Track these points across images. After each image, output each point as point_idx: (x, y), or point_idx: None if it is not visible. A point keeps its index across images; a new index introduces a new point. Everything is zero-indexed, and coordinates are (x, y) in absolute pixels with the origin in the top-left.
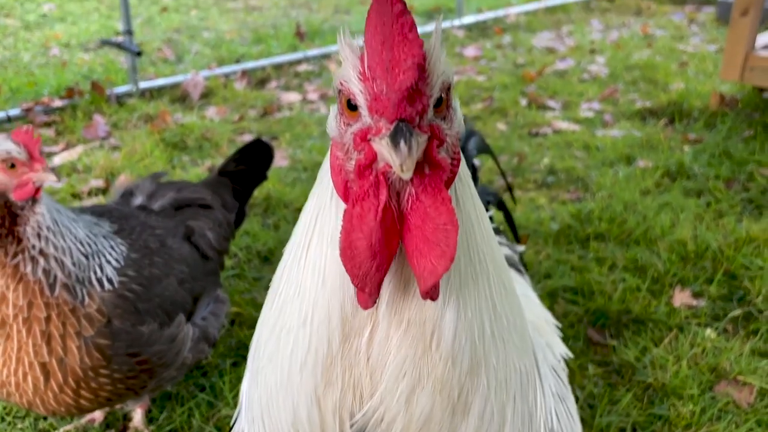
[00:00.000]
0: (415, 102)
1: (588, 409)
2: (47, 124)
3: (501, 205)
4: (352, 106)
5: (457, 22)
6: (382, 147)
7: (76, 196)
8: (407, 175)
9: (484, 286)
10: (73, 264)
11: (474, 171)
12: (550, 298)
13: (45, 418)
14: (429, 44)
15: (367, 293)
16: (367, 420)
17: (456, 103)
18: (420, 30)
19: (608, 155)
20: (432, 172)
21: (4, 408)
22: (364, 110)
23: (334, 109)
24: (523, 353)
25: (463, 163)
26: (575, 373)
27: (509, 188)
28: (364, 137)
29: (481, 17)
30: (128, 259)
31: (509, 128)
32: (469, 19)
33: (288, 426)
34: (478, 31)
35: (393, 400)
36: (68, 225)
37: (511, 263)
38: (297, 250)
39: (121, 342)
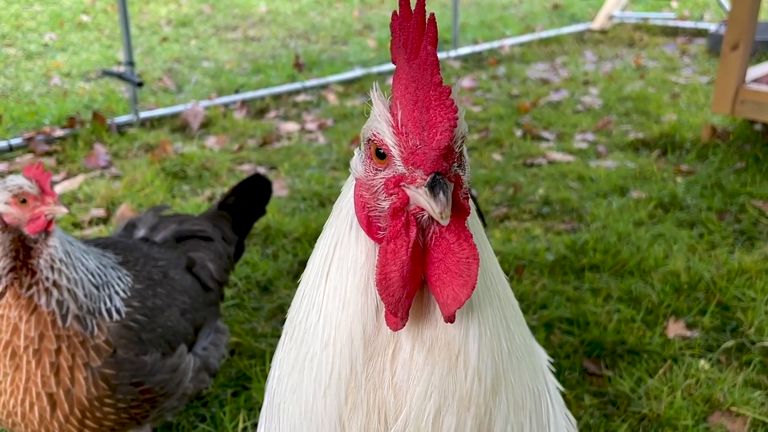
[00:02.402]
0: (448, 157)
1: None
2: (48, 153)
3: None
4: (380, 154)
5: (453, 53)
6: (419, 195)
7: (77, 225)
8: (446, 222)
9: (498, 306)
10: (85, 295)
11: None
12: (545, 329)
13: None
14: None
15: (399, 317)
16: None
17: (464, 149)
18: None
19: (602, 186)
20: (456, 214)
21: None
22: (397, 160)
23: (359, 152)
24: (534, 373)
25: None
26: (571, 404)
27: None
28: (396, 183)
29: (476, 48)
30: (133, 290)
31: (504, 159)
32: (464, 50)
33: None
34: (474, 62)
35: (421, 422)
36: (80, 257)
37: None
38: (316, 278)
39: (126, 371)
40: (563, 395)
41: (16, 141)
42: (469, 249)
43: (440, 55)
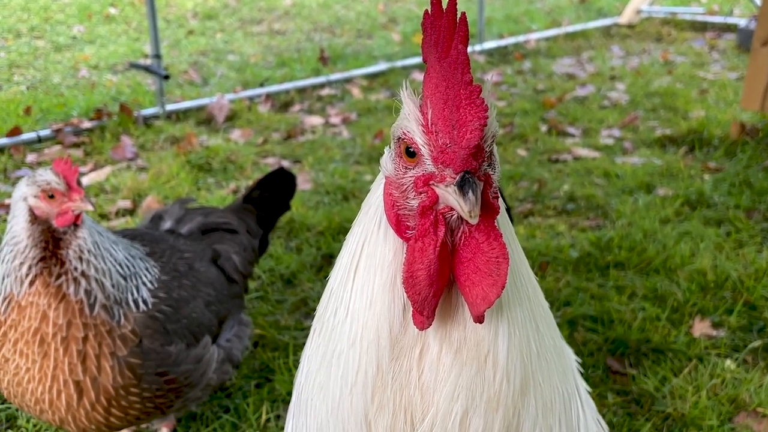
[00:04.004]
0: (477, 156)
1: None
2: (76, 145)
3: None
4: (410, 153)
5: (478, 48)
6: (448, 194)
7: (103, 216)
8: (475, 221)
9: (527, 307)
10: (112, 285)
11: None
12: (569, 326)
13: None
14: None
15: (425, 316)
16: None
17: (495, 148)
18: None
19: (628, 183)
20: (485, 213)
21: (35, 425)
22: (427, 159)
23: (389, 150)
24: (564, 376)
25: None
26: (595, 403)
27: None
28: (426, 182)
29: (502, 42)
30: (159, 281)
31: (529, 154)
32: (490, 44)
33: None
34: (499, 56)
35: (447, 423)
36: (108, 248)
37: None
38: (344, 275)
39: (151, 361)
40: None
41: (44, 132)
42: (499, 248)
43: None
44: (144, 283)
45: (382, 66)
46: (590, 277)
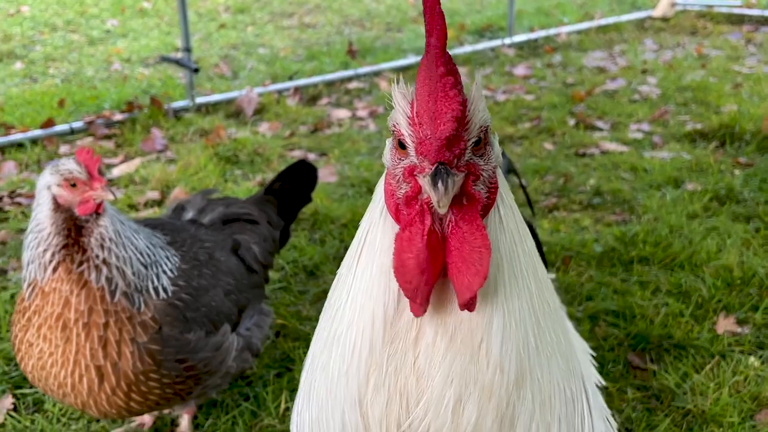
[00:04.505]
0: (453, 147)
1: None
2: (108, 137)
3: (531, 230)
4: (402, 145)
5: (507, 41)
6: (424, 184)
7: (132, 207)
8: (443, 210)
9: (527, 300)
10: (133, 273)
11: (524, 189)
12: (590, 321)
13: (97, 421)
14: (470, 93)
15: (418, 304)
16: (414, 431)
17: (494, 139)
18: (470, 49)
19: (656, 178)
20: (469, 203)
21: (60, 409)
22: (411, 150)
23: (389, 142)
24: (568, 375)
25: (506, 188)
26: (613, 397)
27: (530, 205)
28: (411, 172)
29: (532, 36)
30: (179, 270)
31: (556, 148)
32: (520, 37)
33: None
34: (529, 49)
35: (440, 409)
36: (130, 236)
37: None
38: (350, 260)
39: (171, 348)
40: (605, 388)
41: (77, 124)
42: (481, 239)
43: (494, 43)
44: (164, 272)
45: (411, 59)
46: (614, 272)
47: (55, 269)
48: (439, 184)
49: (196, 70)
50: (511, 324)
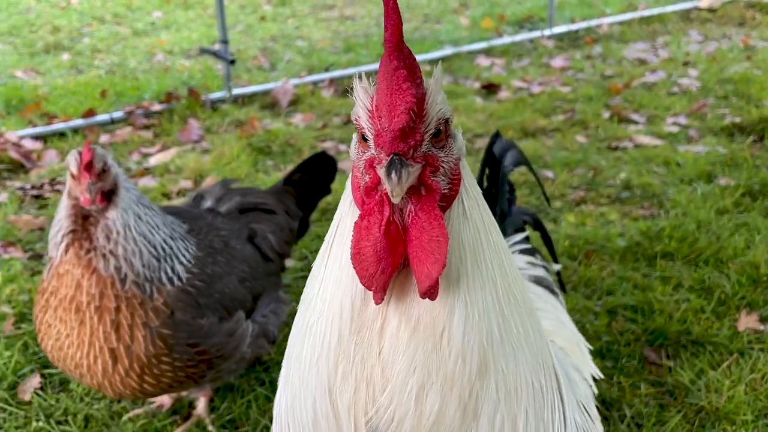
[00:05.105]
0: (408, 138)
1: (635, 428)
2: (146, 127)
3: (538, 225)
4: (364, 138)
5: (547, 32)
6: (381, 174)
7: (166, 195)
8: (396, 200)
9: (491, 292)
10: (143, 265)
11: (511, 188)
12: (608, 315)
13: (119, 401)
14: (428, 87)
15: (374, 291)
16: (380, 419)
17: (456, 131)
18: (509, 40)
19: (688, 172)
20: (427, 194)
21: (84, 389)
22: (371, 143)
23: (355, 136)
24: (537, 368)
25: (472, 181)
26: (625, 392)
27: (545, 197)
28: (371, 164)
29: (572, 27)
30: (194, 257)
31: (589, 141)
32: (560, 29)
33: (309, 425)
34: (569, 41)
35: (403, 396)
36: (145, 231)
37: (542, 283)
38: (322, 251)
39: (182, 333)
40: (618, 383)
41: (117, 114)
42: (438, 228)
43: (534, 34)
44: (181, 263)
45: (447, 51)
46: (636, 267)
47: (66, 251)
48: (393, 174)
49: (233, 62)
50: (474, 315)
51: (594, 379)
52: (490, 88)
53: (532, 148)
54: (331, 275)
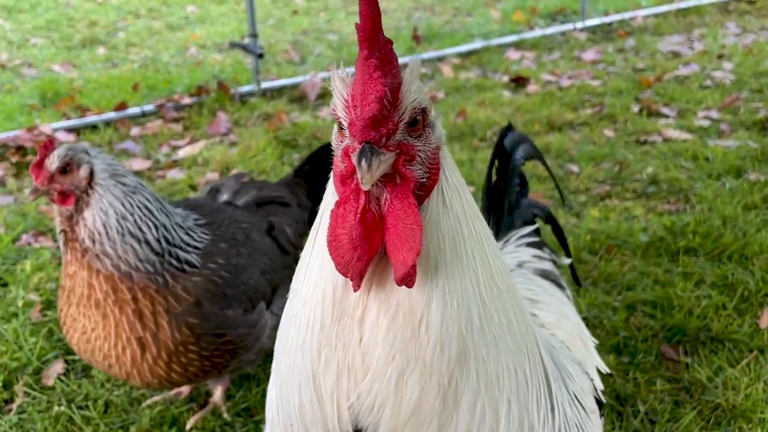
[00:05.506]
0: (380, 127)
1: (648, 424)
2: (176, 120)
3: (550, 219)
4: (341, 127)
5: (579, 25)
6: (354, 162)
7: (192, 187)
8: (366, 187)
9: (472, 281)
10: (140, 260)
11: (523, 181)
12: (627, 311)
13: (138, 388)
14: (404, 76)
15: (350, 278)
16: (361, 405)
17: (436, 121)
18: (540, 33)
19: (717, 166)
20: (402, 182)
21: (105, 376)
22: (346, 132)
23: (336, 126)
24: (521, 357)
25: (453, 170)
26: (640, 388)
27: (560, 192)
28: (347, 153)
29: (606, 19)
30: (219, 249)
31: (616, 135)
32: (593, 21)
33: (296, 410)
34: (602, 34)
35: (383, 383)
36: (132, 229)
37: (548, 277)
38: (309, 239)
39: (210, 323)
40: (634, 378)
41: (148, 107)
42: (413, 216)
43: (566, 27)
44: (188, 252)
45: (477, 44)
46: (658, 262)
47: (66, 252)
48: (363, 162)
49: (261, 56)
50: (453, 303)
51: (600, 373)
52: (518, 82)
53: (558, 142)
54: (315, 263)
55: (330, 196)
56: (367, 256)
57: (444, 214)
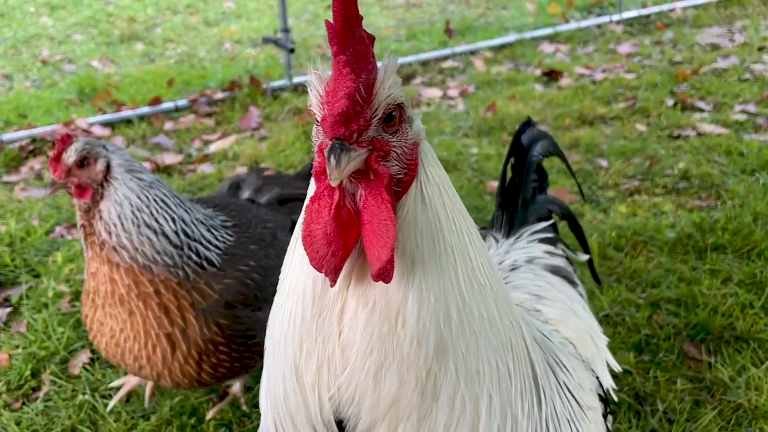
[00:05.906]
0: (350, 123)
1: (666, 424)
2: (209, 114)
3: (567, 215)
4: (317, 123)
5: (616, 17)
6: (325, 158)
7: (222, 181)
8: (334, 183)
9: (450, 277)
10: (158, 252)
11: (542, 177)
12: (651, 308)
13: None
14: (379, 72)
15: (325, 273)
16: (341, 396)
17: (414, 116)
18: (575, 26)
19: (751, 162)
20: (375, 178)
21: None
22: (320, 128)
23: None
24: (503, 352)
25: (434, 166)
26: (660, 386)
27: (579, 188)
28: (321, 149)
29: (643, 11)
30: (249, 251)
31: (649, 129)
32: (630, 13)
33: (281, 399)
34: (639, 26)
35: (362, 376)
36: (149, 221)
37: (560, 273)
38: (294, 235)
39: (242, 324)
40: (654, 377)
41: (181, 102)
42: (386, 212)
43: (602, 20)
44: (208, 248)
45: (510, 37)
46: (685, 260)
47: (87, 248)
48: (331, 158)
49: (292, 50)
50: (430, 299)
51: (612, 371)
52: (551, 75)
53: (588, 137)
54: (298, 257)
55: (312, 190)
56: (342, 252)
57: (422, 211)
